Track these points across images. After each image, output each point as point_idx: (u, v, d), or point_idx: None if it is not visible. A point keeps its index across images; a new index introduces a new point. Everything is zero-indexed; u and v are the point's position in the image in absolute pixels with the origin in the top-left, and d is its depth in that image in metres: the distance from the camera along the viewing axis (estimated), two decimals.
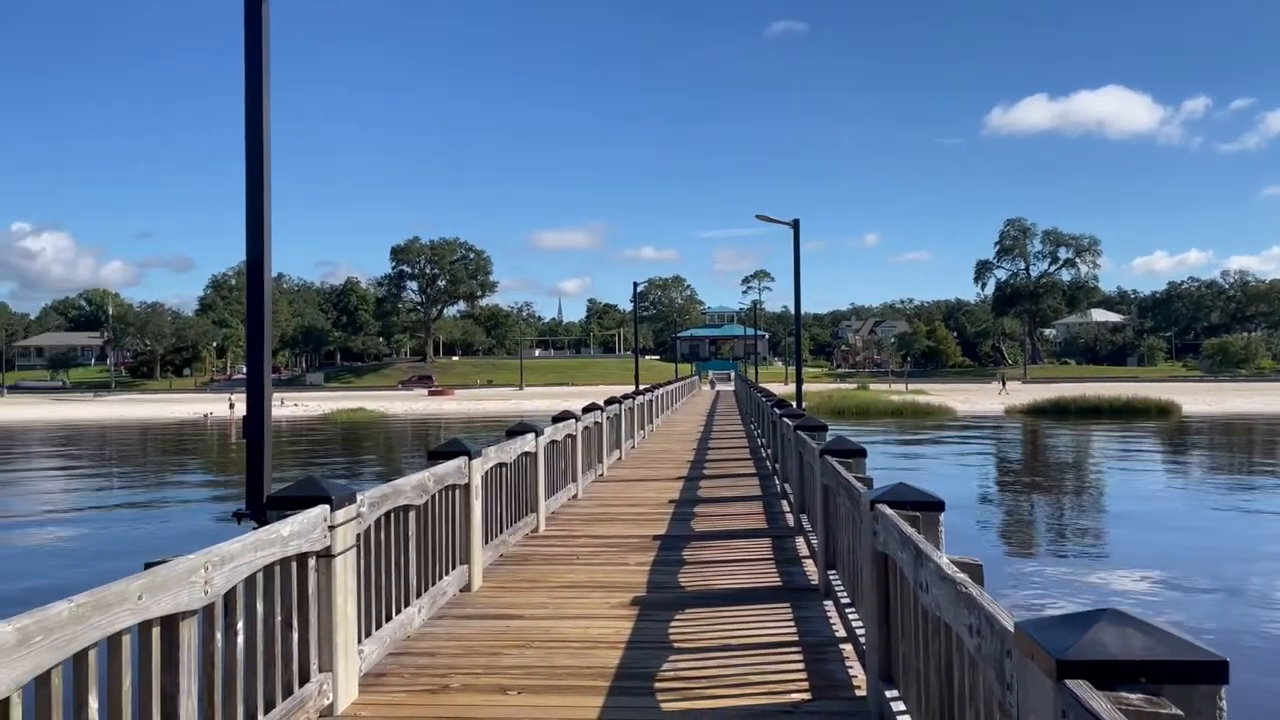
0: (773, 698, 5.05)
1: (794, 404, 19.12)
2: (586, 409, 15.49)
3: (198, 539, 4.28)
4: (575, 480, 13.36)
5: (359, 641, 5.23)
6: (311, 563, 4.74)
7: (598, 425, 15.72)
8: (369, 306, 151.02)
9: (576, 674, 5.51)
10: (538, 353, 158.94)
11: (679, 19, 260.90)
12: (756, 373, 66.40)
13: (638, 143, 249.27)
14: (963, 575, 3.11)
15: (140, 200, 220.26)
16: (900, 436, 48.34)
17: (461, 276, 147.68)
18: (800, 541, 9.57)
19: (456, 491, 7.53)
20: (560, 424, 12.61)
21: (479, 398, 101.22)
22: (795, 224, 25.22)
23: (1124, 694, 1.96)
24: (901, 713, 4.18)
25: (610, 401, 18.29)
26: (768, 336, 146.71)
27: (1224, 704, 1.98)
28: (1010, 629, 2.41)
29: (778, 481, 14.18)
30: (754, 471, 16.62)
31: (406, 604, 6.24)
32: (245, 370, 5.69)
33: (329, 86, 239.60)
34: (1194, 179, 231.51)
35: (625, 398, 20.62)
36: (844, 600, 6.25)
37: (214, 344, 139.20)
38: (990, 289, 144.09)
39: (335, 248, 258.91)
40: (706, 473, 16.58)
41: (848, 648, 5.86)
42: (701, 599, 7.35)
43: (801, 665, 5.63)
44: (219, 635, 3.87)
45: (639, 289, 54.33)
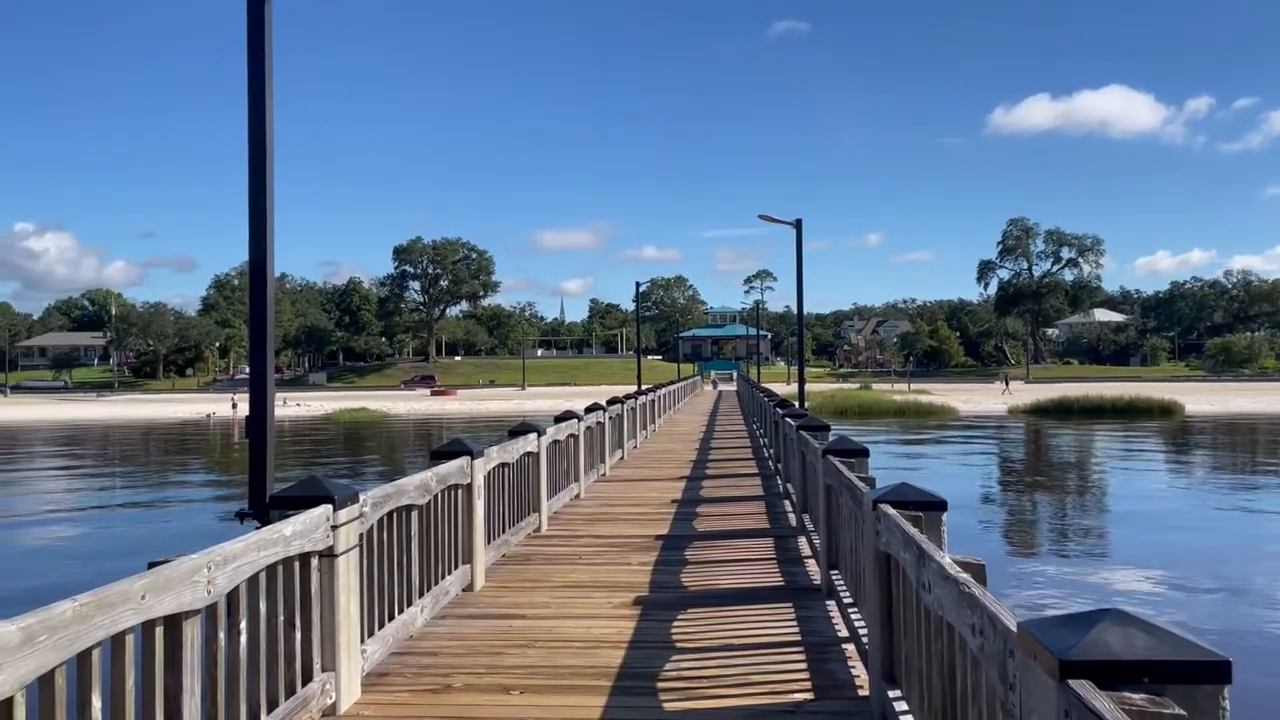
0: (775, 697, 5.05)
1: (796, 404, 19.12)
2: (589, 409, 15.49)
3: (201, 539, 4.29)
4: (578, 480, 13.36)
5: (362, 641, 5.24)
6: (314, 562, 4.74)
7: (600, 425, 15.72)
8: (371, 306, 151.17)
9: (579, 674, 5.51)
10: (540, 353, 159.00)
11: (680, 19, 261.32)
12: (759, 373, 66.38)
13: (639, 143, 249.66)
14: (965, 575, 3.11)
15: (143, 200, 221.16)
16: (903, 436, 48.31)
17: (464, 276, 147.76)
18: (803, 541, 9.57)
19: (459, 491, 7.53)
20: (563, 424, 12.61)
21: (481, 398, 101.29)
22: (798, 224, 25.23)
23: (1127, 694, 1.96)
24: (904, 712, 4.18)
25: (613, 401, 18.29)
26: (770, 336, 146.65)
27: (1227, 704, 1.98)
28: (1013, 629, 2.40)
29: (780, 481, 14.18)
30: (756, 471, 16.62)
31: (409, 604, 6.25)
32: (248, 370, 5.69)
33: (330, 87, 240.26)
34: (1197, 178, 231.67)
35: (628, 398, 20.62)
36: (846, 600, 6.25)
37: (217, 344, 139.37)
38: (993, 289, 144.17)
39: (338, 248, 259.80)
40: (709, 473, 16.58)
41: (850, 647, 5.86)
42: (704, 599, 7.34)
43: (804, 665, 5.63)
44: (222, 635, 3.87)
45: (641, 289, 54.29)
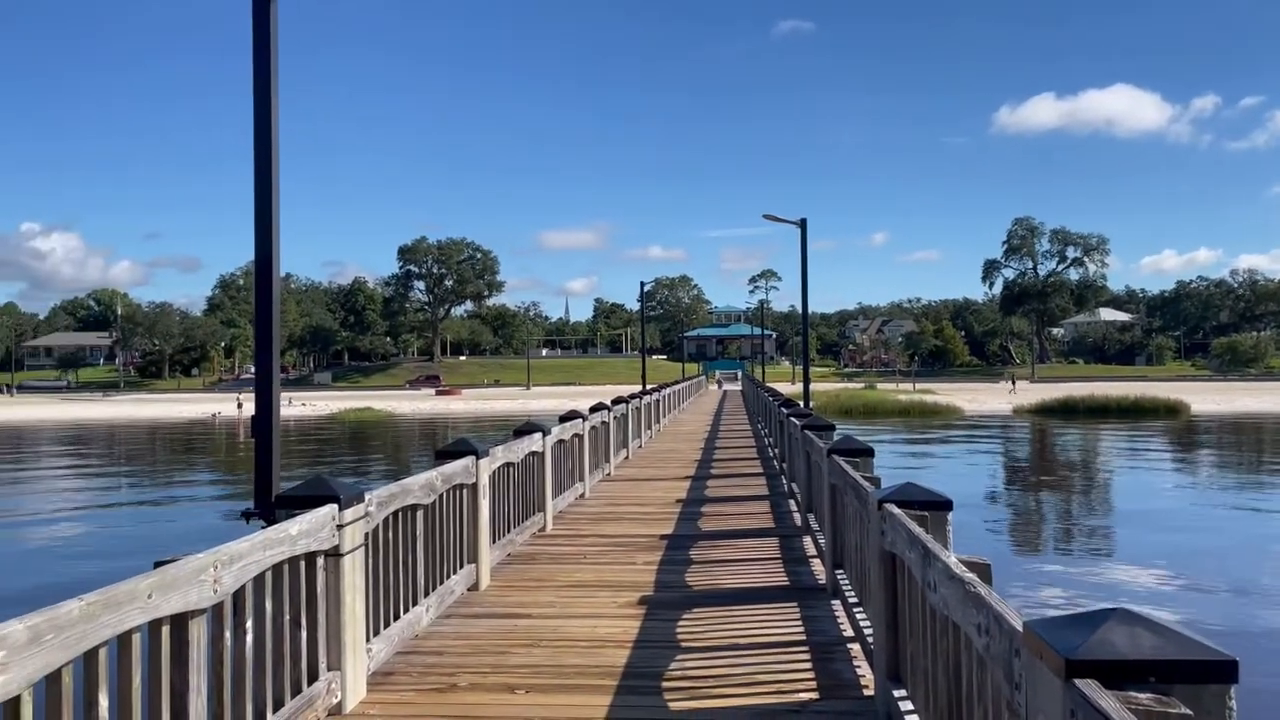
0: (780, 697, 5.04)
1: (801, 403, 19.12)
2: (594, 409, 15.50)
3: (206, 538, 4.30)
4: (582, 480, 13.37)
5: (367, 640, 5.24)
6: (320, 562, 4.75)
7: (605, 425, 15.73)
8: (376, 306, 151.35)
9: (584, 673, 5.51)
10: (545, 352, 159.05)
11: (680, 19, 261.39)
12: (763, 372, 66.37)
13: (642, 143, 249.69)
14: (971, 575, 3.11)
15: (148, 201, 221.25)
16: (908, 436, 48.26)
17: (469, 276, 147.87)
18: (807, 541, 9.56)
19: (464, 491, 7.54)
20: (567, 424, 12.61)
21: (486, 397, 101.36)
22: (802, 223, 25.22)
23: (1133, 693, 1.95)
24: (909, 712, 4.17)
25: (617, 401, 18.30)
26: (775, 336, 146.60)
27: (1233, 704, 1.98)
28: (1019, 628, 2.40)
29: (785, 481, 14.17)
30: (761, 471, 16.61)
31: (414, 603, 6.26)
32: (253, 370, 5.71)
33: (330, 86, 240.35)
34: (1203, 177, 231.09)
35: (632, 397, 20.63)
36: (851, 600, 6.24)
37: (222, 344, 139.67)
38: (998, 288, 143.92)
39: (343, 248, 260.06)
40: (714, 472, 16.57)
41: (855, 647, 5.86)
42: (709, 598, 7.34)
43: (809, 665, 5.62)
44: (228, 634, 3.88)
45: (646, 288, 54.31)
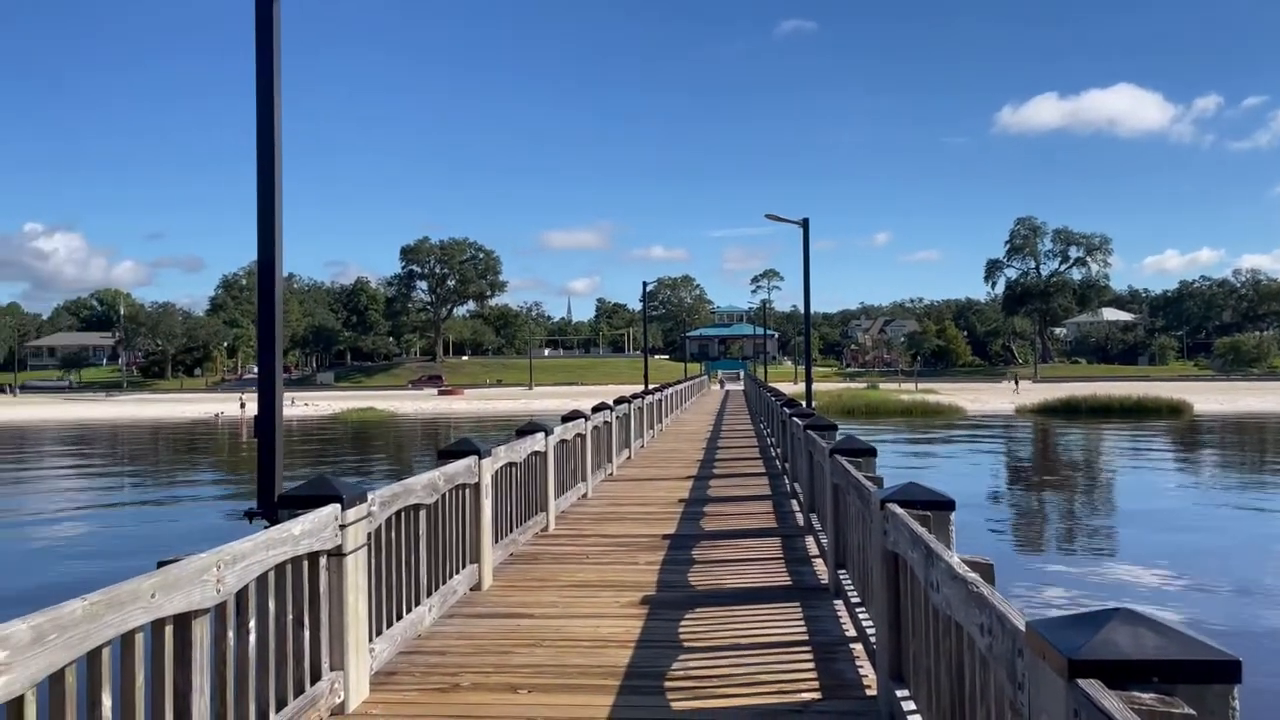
0: (783, 697, 5.04)
1: (803, 403, 19.11)
2: (596, 408, 15.50)
3: (209, 538, 4.31)
4: (585, 479, 13.37)
5: (370, 640, 5.25)
6: (323, 561, 4.75)
7: (607, 425, 15.73)
8: (379, 306, 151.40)
9: (587, 673, 5.51)
10: (547, 352, 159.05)
11: (681, 19, 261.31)
12: (766, 372, 66.35)
13: (645, 143, 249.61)
14: (974, 574, 3.11)
15: (151, 201, 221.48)
16: (910, 436, 48.23)
17: (471, 276, 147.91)
18: (810, 541, 9.56)
19: (467, 490, 7.54)
20: (570, 423, 12.61)
21: (488, 397, 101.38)
22: (805, 223, 25.21)
23: (1136, 693, 1.95)
24: (912, 712, 4.17)
25: (620, 401, 18.29)
26: (777, 336, 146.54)
27: (1237, 704, 1.97)
28: (1022, 628, 2.40)
29: (787, 481, 14.17)
30: (763, 471, 16.60)
31: (417, 603, 6.26)
32: (256, 370, 5.71)
33: (332, 86, 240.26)
34: (1205, 177, 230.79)
35: (635, 397, 20.62)
36: (854, 599, 6.24)
37: (225, 344, 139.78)
38: (1000, 288, 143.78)
39: (345, 248, 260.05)
40: (716, 472, 16.57)
41: (858, 647, 5.86)
42: (711, 598, 7.34)
43: (812, 665, 5.62)
44: (231, 633, 3.88)
45: (648, 288, 54.32)
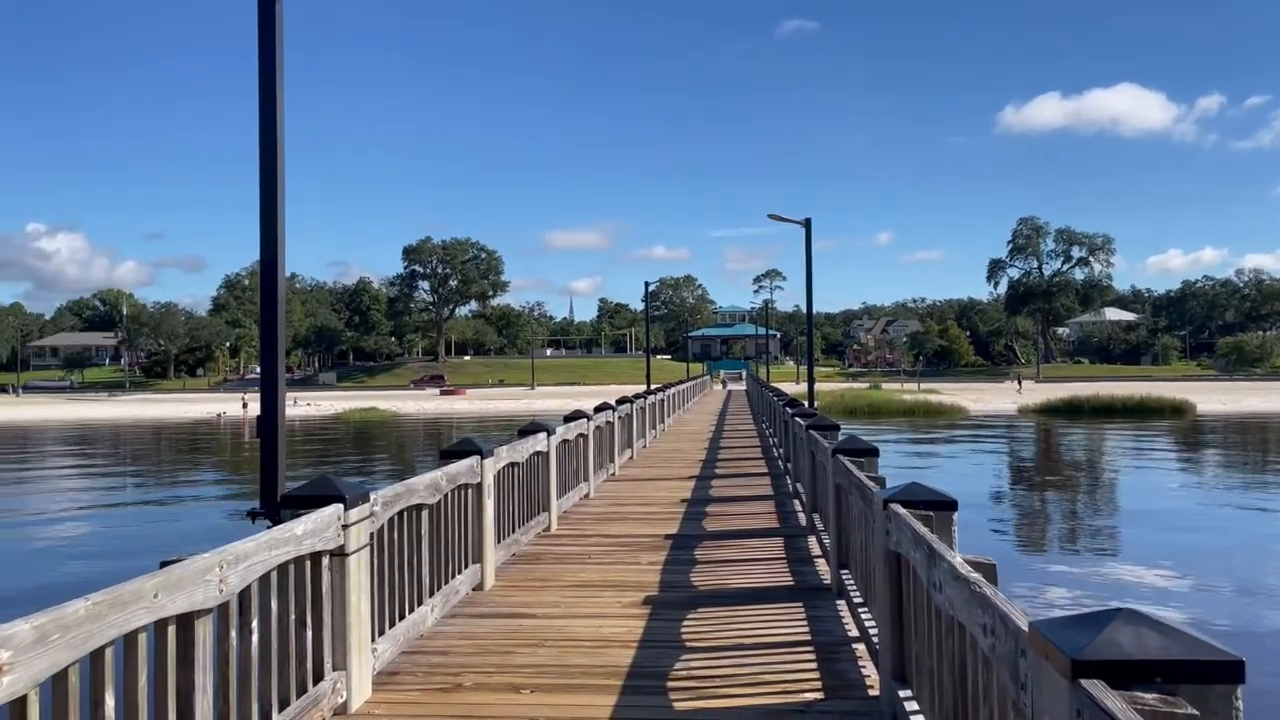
0: (785, 697, 5.04)
1: (806, 403, 19.10)
2: (598, 408, 15.50)
3: (212, 538, 4.31)
4: (587, 479, 13.37)
5: (372, 640, 5.25)
6: (325, 561, 4.75)
7: (609, 425, 15.73)
8: (381, 306, 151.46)
9: (589, 673, 5.51)
10: (549, 352, 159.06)
11: (683, 18, 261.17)
12: (768, 372, 66.33)
13: (648, 143, 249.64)
14: (976, 575, 3.11)
15: (153, 201, 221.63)
16: (912, 436, 48.20)
17: (473, 276, 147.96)
18: (812, 541, 9.55)
19: (469, 491, 7.54)
20: (572, 423, 12.61)
21: (491, 397, 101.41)
22: (807, 223, 25.19)
23: (1139, 694, 1.95)
24: (915, 712, 4.17)
25: (622, 401, 18.29)
26: (779, 336, 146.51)
27: (1240, 704, 1.97)
28: (1024, 628, 2.40)
29: (790, 481, 14.16)
30: (766, 471, 16.60)
31: (419, 603, 6.26)
32: (259, 370, 5.72)
33: (334, 86, 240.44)
34: (1208, 177, 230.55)
35: (637, 397, 20.62)
36: (856, 600, 6.24)
37: (227, 344, 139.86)
38: (1003, 288, 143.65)
39: (348, 248, 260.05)
40: (718, 472, 16.57)
41: (860, 647, 5.85)
42: (714, 598, 7.34)
43: (814, 665, 5.62)
44: (234, 633, 3.88)
45: (650, 288, 54.36)
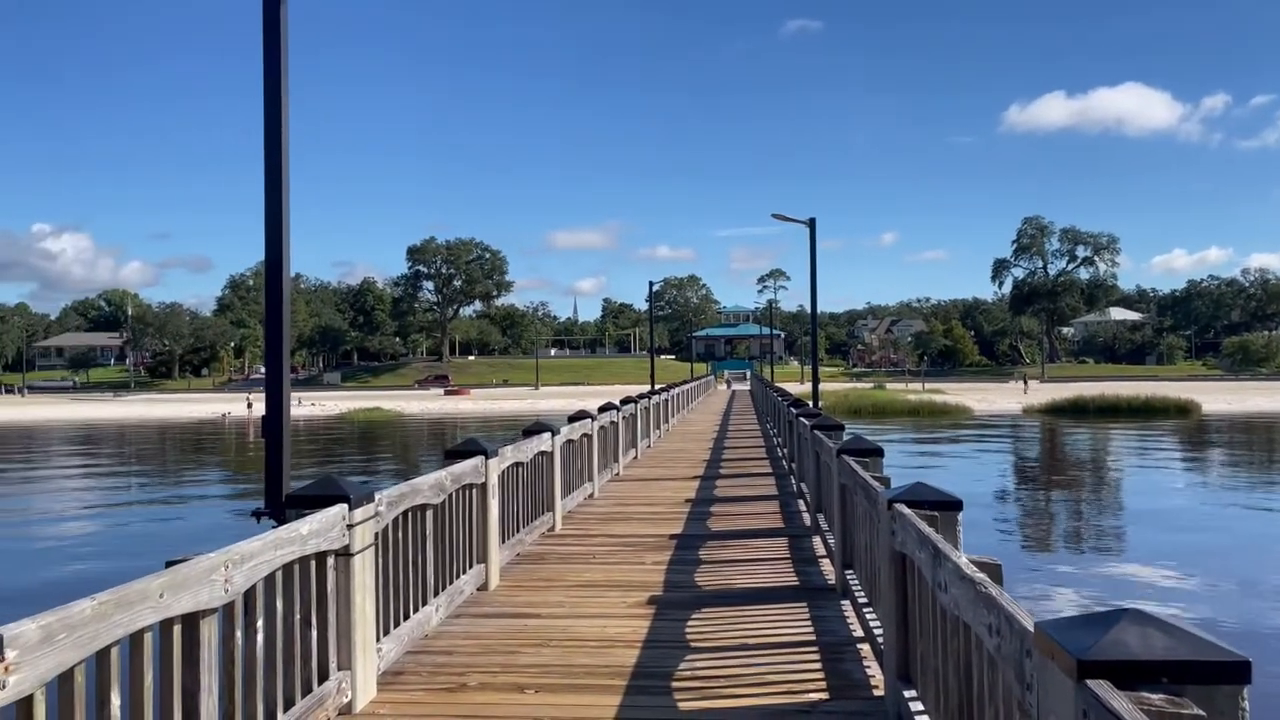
0: (790, 697, 5.04)
1: (810, 403, 19.09)
2: (602, 408, 15.50)
3: (217, 537, 4.31)
4: (591, 479, 13.37)
5: (377, 640, 5.25)
6: (330, 561, 4.76)
7: (614, 425, 15.73)
8: (385, 306, 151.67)
9: (594, 673, 5.51)
10: (553, 352, 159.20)
11: (686, 18, 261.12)
12: (772, 372, 66.26)
13: (650, 143, 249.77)
14: (982, 575, 3.10)
15: (158, 201, 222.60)
16: (917, 436, 48.16)
17: (477, 276, 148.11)
18: (817, 541, 9.55)
19: (473, 491, 7.54)
20: (576, 423, 12.61)
21: (495, 397, 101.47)
22: (811, 222, 25.18)
23: (1145, 694, 1.95)
24: (920, 713, 4.16)
25: (626, 401, 18.29)
26: (783, 336, 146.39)
27: (1246, 704, 1.97)
28: (1030, 629, 2.39)
29: (794, 481, 14.16)
30: (770, 471, 16.59)
31: (424, 602, 6.26)
32: (263, 370, 5.72)
33: (337, 86, 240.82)
34: (1213, 176, 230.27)
35: (641, 397, 20.62)
36: (861, 600, 6.23)
37: (232, 344, 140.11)
38: (1008, 288, 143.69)
39: (352, 248, 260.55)
40: (723, 472, 16.56)
41: (865, 647, 5.85)
42: (718, 598, 7.34)
43: (819, 665, 5.61)
44: (239, 633, 3.89)
45: (654, 288, 54.32)
